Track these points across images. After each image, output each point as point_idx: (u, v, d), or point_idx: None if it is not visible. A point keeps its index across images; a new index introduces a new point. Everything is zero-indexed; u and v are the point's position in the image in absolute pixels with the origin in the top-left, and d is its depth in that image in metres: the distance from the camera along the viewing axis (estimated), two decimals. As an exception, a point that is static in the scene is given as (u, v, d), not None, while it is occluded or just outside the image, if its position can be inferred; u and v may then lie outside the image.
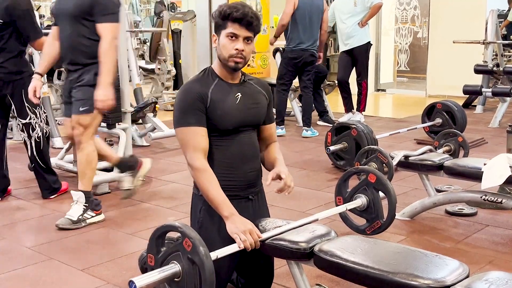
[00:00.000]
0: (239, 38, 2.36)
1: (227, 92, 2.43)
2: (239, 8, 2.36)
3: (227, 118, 2.41)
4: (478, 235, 3.45)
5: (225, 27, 2.37)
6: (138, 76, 7.42)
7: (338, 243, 2.24)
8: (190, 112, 2.37)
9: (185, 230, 2.04)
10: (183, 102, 2.40)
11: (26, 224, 3.76)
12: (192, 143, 2.36)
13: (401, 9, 11.06)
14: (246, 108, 2.46)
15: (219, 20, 2.39)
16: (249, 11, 2.37)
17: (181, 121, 2.39)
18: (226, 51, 2.38)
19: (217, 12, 2.40)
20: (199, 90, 2.39)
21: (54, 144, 5.93)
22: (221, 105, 2.40)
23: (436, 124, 5.97)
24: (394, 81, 11.24)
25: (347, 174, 2.97)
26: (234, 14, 2.34)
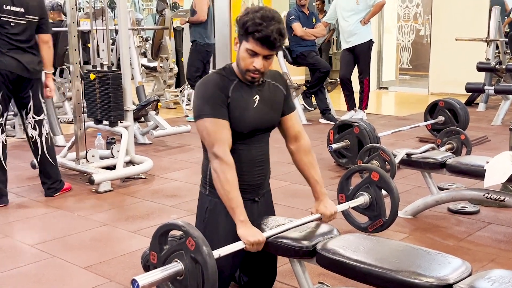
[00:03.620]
0: (258, 56, 2.27)
1: (246, 93, 2.37)
2: (263, 26, 2.21)
3: (244, 121, 2.36)
4: (480, 233, 3.45)
5: (246, 40, 2.26)
6: (140, 74, 7.43)
7: (340, 241, 2.24)
8: (214, 104, 2.29)
9: (188, 229, 2.03)
10: (207, 93, 2.32)
11: (29, 222, 3.77)
12: (219, 136, 2.28)
13: (403, 7, 11.03)
14: (263, 112, 2.41)
15: (241, 30, 2.27)
16: (274, 30, 2.21)
17: (206, 111, 2.29)
18: (244, 64, 2.30)
19: (241, 20, 2.27)
20: (222, 84, 2.33)
21: (57, 142, 5.93)
22: (240, 107, 2.34)
23: (439, 122, 5.96)
24: (396, 79, 11.22)
25: (350, 172, 2.97)
26: (256, 35, 2.22)
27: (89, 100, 4.88)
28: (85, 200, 4.20)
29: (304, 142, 2.56)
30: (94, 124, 4.99)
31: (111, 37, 5.71)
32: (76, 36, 4.65)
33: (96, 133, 5.19)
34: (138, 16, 11.22)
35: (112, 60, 6.64)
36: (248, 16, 2.24)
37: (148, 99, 6.38)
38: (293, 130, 2.55)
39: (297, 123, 2.57)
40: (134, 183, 4.60)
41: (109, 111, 4.74)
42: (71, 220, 3.78)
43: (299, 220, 2.40)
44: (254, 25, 2.21)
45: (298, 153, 2.56)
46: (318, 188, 2.55)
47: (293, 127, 2.55)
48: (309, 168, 2.56)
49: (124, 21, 4.99)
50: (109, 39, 5.16)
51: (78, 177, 4.72)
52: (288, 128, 2.54)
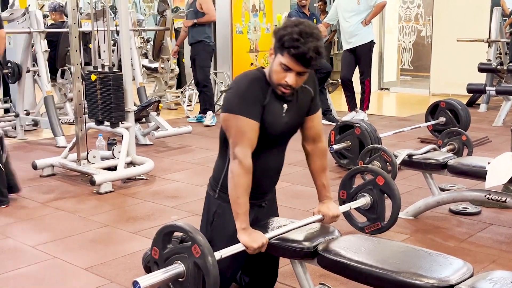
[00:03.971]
0: (292, 71, 2.21)
1: (277, 102, 2.32)
2: (300, 42, 2.14)
3: (273, 127, 2.32)
4: (482, 234, 3.44)
5: (281, 54, 2.20)
6: (141, 75, 7.43)
7: (341, 242, 2.24)
8: (251, 103, 2.23)
9: (195, 236, 2.03)
10: (245, 89, 2.25)
11: (30, 223, 3.76)
12: (248, 137, 2.22)
13: (404, 8, 11.03)
14: (290, 119, 2.37)
15: (278, 43, 2.21)
16: (311, 48, 2.14)
17: (240, 108, 2.22)
18: (277, 77, 2.24)
19: (278, 33, 2.20)
20: (263, 84, 2.27)
21: (58, 143, 5.94)
22: (272, 114, 2.29)
23: (440, 122, 5.95)
24: (397, 80, 11.21)
25: (354, 171, 2.97)
26: (292, 51, 2.15)
27: (90, 101, 4.88)
28: (86, 201, 4.20)
29: (321, 145, 2.54)
30: (95, 125, 4.99)
31: (112, 38, 5.72)
32: (77, 37, 4.65)
33: (97, 134, 5.19)
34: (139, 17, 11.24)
35: (113, 61, 6.64)
36: (286, 30, 2.17)
37: (149, 100, 6.39)
38: (313, 131, 2.51)
39: (318, 125, 2.52)
40: (135, 184, 4.60)
41: (110, 112, 4.74)
42: (72, 221, 3.77)
43: (300, 221, 2.40)
44: (291, 40, 2.15)
45: (313, 154, 2.54)
46: (324, 192, 2.54)
47: (314, 128, 2.50)
48: (320, 172, 2.55)
49: (125, 22, 4.99)
50: (110, 40, 5.16)
51: (79, 178, 4.72)
52: (309, 128, 2.50)
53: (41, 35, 6.21)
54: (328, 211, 2.47)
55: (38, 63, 6.31)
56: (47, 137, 6.42)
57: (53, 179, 4.77)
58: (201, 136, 6.48)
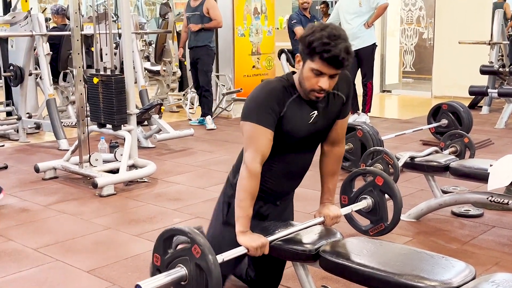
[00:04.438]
0: (324, 75, 2.19)
1: (304, 109, 2.30)
2: (331, 46, 2.13)
3: (293, 135, 2.32)
4: (484, 237, 3.44)
5: (312, 60, 2.18)
6: (144, 77, 7.43)
7: (343, 244, 2.24)
8: (267, 112, 2.24)
9: (194, 237, 2.03)
10: (263, 98, 2.26)
11: (32, 225, 3.77)
12: (260, 144, 2.24)
13: (406, 10, 11.03)
14: (318, 126, 2.36)
15: (307, 50, 2.18)
16: (342, 50, 2.14)
17: (256, 116, 2.24)
18: (309, 84, 2.22)
19: (306, 40, 2.17)
20: (281, 96, 2.26)
21: (60, 146, 5.95)
22: (293, 122, 2.28)
23: (442, 125, 5.95)
24: (399, 82, 11.20)
25: (354, 174, 2.97)
26: (324, 55, 2.13)
27: (93, 104, 4.89)
28: (88, 203, 4.20)
29: (339, 149, 2.53)
30: (97, 127, 4.99)
31: (114, 41, 5.73)
32: (79, 40, 4.66)
33: (100, 137, 5.20)
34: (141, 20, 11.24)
35: (115, 64, 6.64)
36: (315, 35, 2.15)
37: (151, 102, 6.39)
38: (335, 134, 2.49)
39: (342, 130, 2.50)
40: (137, 187, 4.61)
41: (112, 115, 4.75)
42: (74, 224, 3.78)
43: (302, 224, 2.40)
44: (322, 45, 2.13)
45: (328, 156, 2.53)
46: (327, 195, 2.55)
47: (336, 132, 2.48)
48: (330, 175, 2.55)
49: (127, 25, 5.00)
50: (112, 43, 5.17)
51: (81, 181, 4.73)
52: (332, 132, 2.48)
53: (43, 38, 6.22)
54: (328, 212, 2.48)
55: (40, 66, 6.32)
56: (49, 140, 6.42)
57: (56, 182, 4.77)
58: (203, 139, 6.49)
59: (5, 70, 6.63)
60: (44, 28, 6.30)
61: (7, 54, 6.68)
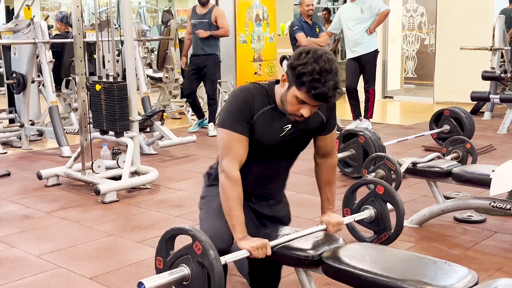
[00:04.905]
0: (308, 105, 2.19)
1: (276, 120, 2.31)
2: (321, 83, 2.10)
3: (263, 144, 2.33)
4: (487, 242, 3.44)
5: (298, 89, 2.16)
6: (146, 84, 7.45)
7: (346, 250, 2.24)
8: (239, 120, 2.26)
9: (195, 233, 2.05)
10: (238, 105, 2.28)
11: (35, 232, 3.77)
12: (234, 151, 2.27)
13: (408, 16, 11.03)
14: (289, 142, 2.37)
15: (295, 78, 2.15)
16: (331, 88, 2.11)
17: (230, 124, 2.27)
18: (291, 108, 2.22)
19: (296, 69, 2.13)
20: (256, 103, 2.28)
21: (63, 153, 5.96)
22: (264, 132, 2.30)
23: (444, 130, 5.94)
24: (401, 88, 11.20)
25: (355, 186, 2.96)
26: (312, 91, 2.12)
27: (95, 110, 4.90)
28: (91, 210, 4.21)
29: (331, 160, 2.55)
30: (100, 134, 5.00)
31: (116, 48, 5.75)
32: (82, 47, 4.68)
33: (102, 144, 5.21)
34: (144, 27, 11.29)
35: (118, 71, 6.67)
36: (307, 67, 2.11)
37: (153, 109, 6.41)
38: (325, 149, 2.51)
39: (331, 144, 2.52)
40: (140, 193, 4.61)
41: (114, 122, 4.76)
42: (77, 231, 3.78)
43: (305, 230, 2.40)
44: (312, 81, 2.11)
45: (322, 167, 2.55)
46: (327, 205, 2.56)
47: (326, 146, 2.50)
48: (325, 185, 2.56)
49: (130, 32, 5.01)
50: (114, 50, 5.19)
51: (84, 188, 4.74)
52: (320, 146, 2.50)
53: (46, 45, 6.24)
54: (330, 219, 2.48)
55: (42, 73, 6.34)
56: (52, 147, 6.43)
57: (58, 188, 4.78)
58: (205, 145, 6.50)
59: (8, 77, 6.65)
60: (47, 35, 6.32)
61: (10, 62, 6.71)
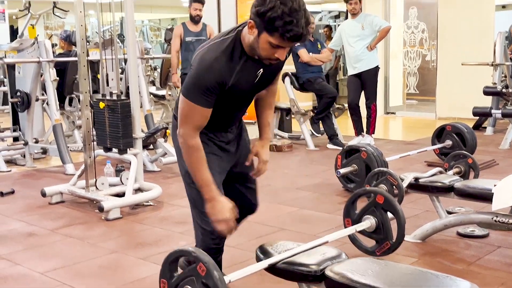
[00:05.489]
0: (283, 48, 2.16)
1: (251, 71, 2.30)
2: (294, 25, 2.04)
3: (237, 95, 2.35)
4: (490, 257, 3.44)
5: (271, 35, 2.10)
6: (149, 102, 7.49)
7: (348, 265, 2.25)
8: (205, 93, 2.21)
9: (198, 255, 2.05)
10: (202, 80, 2.20)
11: (39, 250, 3.79)
12: (195, 121, 2.27)
13: (409, 33, 11.11)
14: (260, 83, 2.39)
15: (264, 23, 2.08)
16: (303, 26, 2.06)
17: (192, 95, 2.22)
18: (265, 54, 2.18)
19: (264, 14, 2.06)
20: (223, 74, 2.21)
21: (66, 171, 5.98)
22: (239, 86, 2.28)
23: (446, 146, 5.96)
24: (403, 104, 11.25)
25: (355, 196, 2.98)
26: (286, 35, 2.06)
27: (99, 128, 4.93)
28: (94, 227, 4.22)
29: (274, 86, 2.60)
30: (103, 152, 5.03)
31: (120, 66, 5.80)
32: (86, 66, 4.72)
33: (106, 161, 5.23)
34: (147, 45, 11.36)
35: (121, 88, 6.72)
36: (276, 11, 2.04)
37: (156, 126, 6.44)
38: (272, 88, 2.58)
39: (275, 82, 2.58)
40: (143, 210, 4.63)
41: (118, 139, 4.79)
42: (80, 248, 3.80)
43: (306, 245, 2.42)
44: (284, 24, 2.04)
45: (265, 95, 2.59)
46: (266, 129, 2.60)
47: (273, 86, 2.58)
48: (267, 108, 2.61)
49: (133, 50, 5.06)
50: (118, 68, 5.23)
51: (87, 205, 4.75)
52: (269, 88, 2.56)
53: (50, 64, 6.30)
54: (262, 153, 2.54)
55: (47, 91, 6.39)
56: (56, 164, 6.46)
57: (62, 206, 4.80)
58: (209, 162, 6.50)
59: (12, 96, 6.70)
60: (51, 54, 6.38)
61: (14, 80, 6.77)
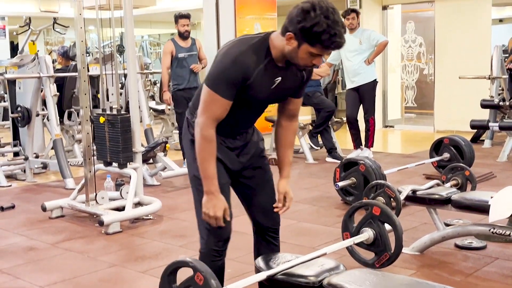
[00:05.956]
0: (321, 55, 2.26)
1: (270, 75, 2.34)
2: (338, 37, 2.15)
3: (252, 100, 2.40)
4: (488, 269, 3.46)
5: (312, 46, 2.19)
6: (149, 116, 7.53)
7: (346, 276, 2.27)
8: (228, 85, 2.28)
9: (196, 265, 2.08)
10: (229, 68, 2.26)
11: (39, 264, 3.81)
12: (214, 111, 2.31)
13: (406, 47, 11.19)
14: (278, 91, 2.42)
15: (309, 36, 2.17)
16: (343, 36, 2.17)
17: (216, 87, 2.29)
18: (303, 62, 2.27)
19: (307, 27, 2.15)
20: (247, 67, 2.26)
21: (67, 185, 6.00)
22: (256, 89, 2.33)
23: (444, 159, 5.98)
24: (402, 117, 11.30)
25: (352, 209, 3.01)
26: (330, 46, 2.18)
27: (99, 142, 4.96)
28: (94, 241, 4.24)
29: (295, 123, 2.64)
30: (103, 166, 5.06)
31: (120, 81, 5.84)
32: (86, 81, 4.76)
33: (106, 175, 5.26)
34: (146, 60, 11.44)
35: (121, 103, 6.76)
36: (322, 26, 2.13)
37: (156, 141, 6.47)
38: (293, 112, 2.59)
39: (298, 107, 2.61)
40: (143, 224, 4.65)
41: (118, 153, 4.82)
42: (81, 262, 3.81)
43: (305, 256, 2.44)
44: (330, 37, 2.15)
45: (287, 129, 2.61)
46: (287, 169, 2.63)
47: (295, 110, 2.59)
48: (288, 147, 2.64)
49: (133, 65, 5.11)
50: (118, 83, 5.27)
51: (87, 219, 4.77)
52: (290, 110, 2.58)
53: (51, 79, 6.35)
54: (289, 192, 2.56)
55: (47, 106, 6.43)
56: (56, 179, 6.49)
57: (62, 220, 4.82)
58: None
59: (13, 111, 6.74)
60: (52, 69, 6.43)
61: (15, 96, 6.81)
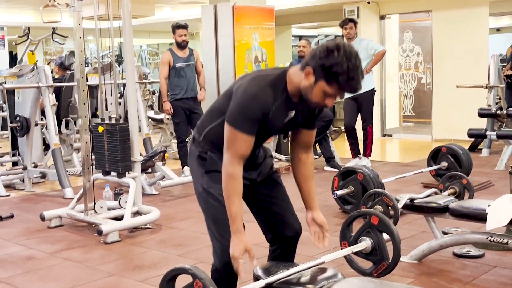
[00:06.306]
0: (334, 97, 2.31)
1: (285, 109, 2.39)
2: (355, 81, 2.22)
3: (269, 131, 2.45)
4: (486, 277, 3.47)
5: (329, 84, 2.25)
6: (147, 126, 7.54)
7: (344, 284, 2.28)
8: (250, 121, 2.33)
9: (195, 272, 2.10)
10: (248, 105, 2.32)
11: (38, 273, 3.81)
12: (240, 149, 2.35)
13: (404, 56, 11.24)
14: (291, 124, 2.46)
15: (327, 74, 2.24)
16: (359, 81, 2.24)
17: (239, 124, 2.33)
18: (316, 100, 2.32)
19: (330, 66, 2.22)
20: (266, 103, 2.32)
21: (65, 195, 6.01)
22: (272, 122, 2.38)
23: (442, 167, 6.00)
24: (400, 126, 11.33)
25: (350, 219, 3.02)
26: (346, 88, 2.25)
27: (98, 152, 4.98)
28: (93, 250, 4.24)
29: (311, 155, 2.67)
30: (102, 175, 5.07)
31: (118, 91, 5.85)
32: (85, 91, 4.78)
33: (104, 185, 5.27)
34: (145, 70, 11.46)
35: (120, 113, 6.77)
36: (342, 67, 2.20)
37: (155, 150, 6.48)
38: (308, 144, 2.62)
39: (313, 139, 2.63)
40: (142, 233, 4.65)
41: (117, 163, 4.83)
42: (79, 271, 3.82)
43: (303, 265, 2.45)
44: (347, 80, 2.22)
45: (305, 164, 2.63)
46: (315, 200, 2.67)
47: (309, 142, 2.62)
48: (309, 180, 2.66)
49: (132, 75, 5.13)
50: (117, 92, 5.29)
51: (86, 228, 4.78)
52: (305, 141, 2.60)
53: (49, 89, 6.37)
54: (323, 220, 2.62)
55: (46, 116, 6.44)
56: (55, 189, 6.49)
57: (61, 230, 4.82)
58: (207, 185, 6.53)
59: (11, 121, 6.76)
60: (51, 79, 6.45)
61: (13, 106, 6.82)
